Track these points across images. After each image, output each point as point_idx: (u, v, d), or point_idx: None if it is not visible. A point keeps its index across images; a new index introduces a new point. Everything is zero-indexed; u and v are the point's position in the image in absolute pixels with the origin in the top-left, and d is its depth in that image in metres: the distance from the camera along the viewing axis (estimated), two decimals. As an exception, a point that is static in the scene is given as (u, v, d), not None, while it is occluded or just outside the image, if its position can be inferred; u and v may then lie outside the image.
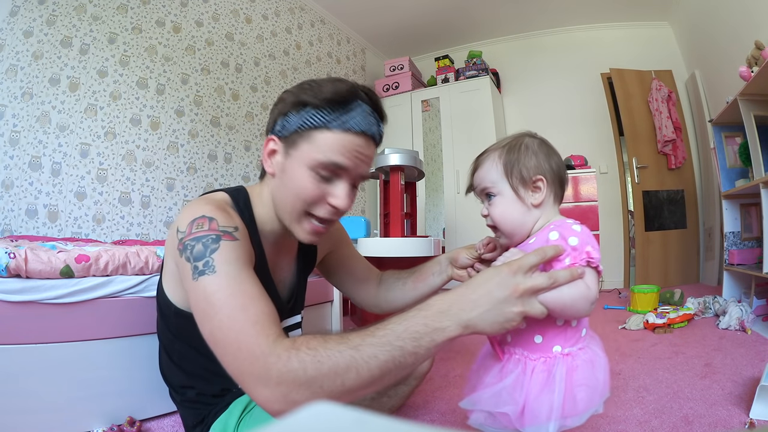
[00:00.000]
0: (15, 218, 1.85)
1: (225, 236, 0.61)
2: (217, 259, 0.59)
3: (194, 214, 0.64)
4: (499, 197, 0.70)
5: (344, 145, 0.66)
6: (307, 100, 0.66)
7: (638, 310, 2.46)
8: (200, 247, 0.60)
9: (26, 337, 0.98)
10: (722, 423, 1.03)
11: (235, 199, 0.73)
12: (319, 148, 0.66)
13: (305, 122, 0.66)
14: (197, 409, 0.79)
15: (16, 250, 0.98)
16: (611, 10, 3.81)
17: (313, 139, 0.66)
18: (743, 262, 2.36)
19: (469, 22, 4.09)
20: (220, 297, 0.56)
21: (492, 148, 0.73)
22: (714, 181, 3.29)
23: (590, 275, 0.62)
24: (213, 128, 2.75)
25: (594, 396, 0.65)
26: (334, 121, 0.65)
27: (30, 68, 1.91)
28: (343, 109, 0.66)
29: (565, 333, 0.66)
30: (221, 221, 0.63)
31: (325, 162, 0.66)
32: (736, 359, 1.52)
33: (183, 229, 0.63)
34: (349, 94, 0.67)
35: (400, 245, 1.53)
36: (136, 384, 1.12)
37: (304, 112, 0.66)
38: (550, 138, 0.79)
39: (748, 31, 2.50)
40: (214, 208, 0.65)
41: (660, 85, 3.64)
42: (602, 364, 0.69)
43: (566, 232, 0.64)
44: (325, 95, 0.66)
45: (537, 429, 0.61)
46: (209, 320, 0.56)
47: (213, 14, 2.81)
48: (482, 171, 0.71)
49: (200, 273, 0.58)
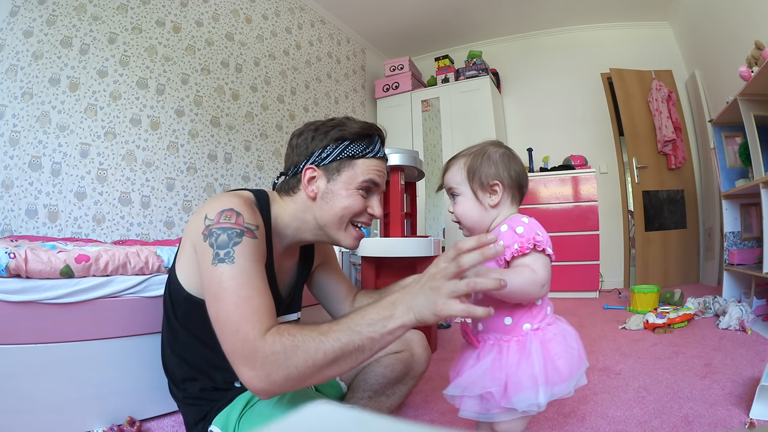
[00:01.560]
0: (15, 218, 1.85)
1: (248, 233, 0.70)
2: (238, 251, 0.68)
3: (224, 205, 0.72)
4: (462, 197, 0.82)
5: (376, 168, 0.85)
6: (343, 137, 0.83)
7: (638, 310, 2.46)
8: (225, 237, 0.69)
9: (26, 337, 0.98)
10: (722, 423, 1.03)
11: (258, 199, 0.83)
12: (362, 171, 0.83)
13: (346, 153, 0.82)
14: (199, 405, 0.81)
15: (16, 250, 0.98)
16: (611, 10, 3.81)
17: (356, 165, 0.83)
18: (743, 262, 2.36)
19: (469, 22, 4.09)
20: (232, 285, 0.65)
21: (461, 154, 0.85)
22: (714, 181, 3.29)
23: (537, 259, 0.70)
24: (213, 128, 2.75)
25: (573, 364, 0.72)
26: (368, 151, 0.84)
27: (30, 68, 1.91)
28: (370, 141, 0.85)
29: (531, 311, 0.74)
30: (247, 218, 0.72)
31: (367, 181, 0.83)
32: (736, 359, 1.52)
33: (212, 216, 0.71)
34: (371, 130, 0.86)
35: (400, 245, 1.53)
36: (136, 384, 1.12)
37: (343, 145, 0.82)
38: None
39: (748, 31, 2.50)
40: (242, 203, 0.74)
41: (660, 85, 3.64)
42: (573, 335, 0.76)
43: (514, 224, 0.75)
44: (356, 130, 0.83)
45: (525, 398, 0.67)
46: (218, 302, 0.65)
47: (213, 14, 2.81)
48: (450, 173, 0.84)
49: (220, 260, 0.67)
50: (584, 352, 0.76)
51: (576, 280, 3.27)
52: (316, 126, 0.85)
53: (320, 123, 0.86)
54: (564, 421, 1.10)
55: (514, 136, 4.19)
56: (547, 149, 3.82)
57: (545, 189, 3.47)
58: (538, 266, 0.70)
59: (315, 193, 0.83)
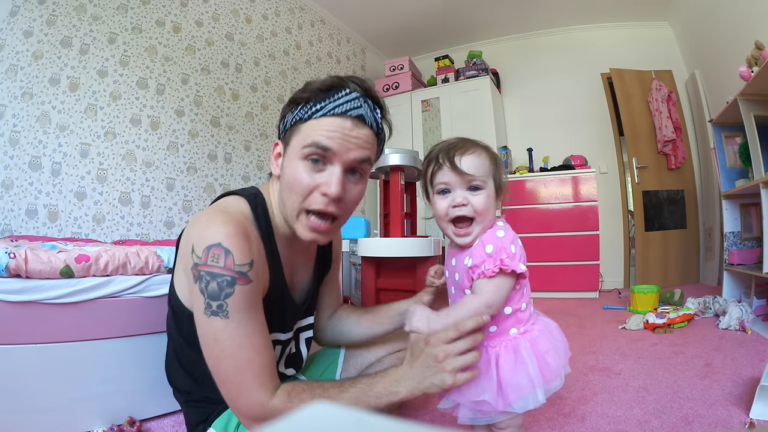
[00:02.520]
0: (15, 218, 1.85)
1: (240, 279, 0.63)
2: (231, 304, 0.62)
3: (211, 239, 0.63)
4: (486, 191, 0.73)
5: (327, 128, 0.67)
6: (297, 97, 0.70)
7: (638, 310, 2.46)
8: (215, 286, 0.62)
9: (26, 337, 0.98)
10: (722, 423, 1.03)
11: (254, 208, 0.73)
12: (305, 135, 0.67)
13: (295, 117, 0.69)
14: (201, 408, 0.80)
15: (16, 250, 0.98)
16: (611, 10, 3.81)
17: (301, 130, 0.68)
18: (743, 262, 2.36)
19: (469, 22, 4.09)
20: (230, 345, 0.62)
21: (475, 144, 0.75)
22: (714, 181, 3.29)
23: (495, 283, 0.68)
24: (213, 128, 2.75)
25: (561, 356, 0.73)
26: (318, 109, 0.67)
27: (30, 68, 1.91)
28: (326, 96, 0.68)
29: (516, 317, 0.73)
30: (237, 257, 0.63)
31: (309, 144, 0.66)
32: (736, 359, 1.52)
33: (199, 254, 0.63)
34: (333, 83, 0.68)
35: (400, 245, 1.53)
36: (136, 384, 1.12)
37: (296, 108, 0.70)
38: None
39: (748, 31, 2.50)
40: (232, 233, 0.63)
41: (660, 85, 3.64)
42: (555, 327, 0.77)
43: (486, 239, 0.71)
44: (311, 88, 0.69)
45: (525, 401, 0.68)
46: (215, 360, 0.63)
47: (213, 14, 2.81)
48: (471, 160, 0.73)
49: (213, 313, 0.62)
50: (567, 342, 0.76)
51: (576, 280, 3.27)
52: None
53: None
54: (564, 421, 1.10)
55: (514, 136, 4.19)
56: (547, 149, 3.82)
57: (545, 189, 3.47)
58: (489, 290, 0.68)
59: (278, 171, 0.73)
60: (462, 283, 0.75)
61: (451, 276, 0.79)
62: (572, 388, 1.31)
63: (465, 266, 0.73)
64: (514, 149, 4.06)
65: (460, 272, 0.75)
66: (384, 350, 0.99)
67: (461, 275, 0.75)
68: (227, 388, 0.64)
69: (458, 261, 0.76)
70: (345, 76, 0.70)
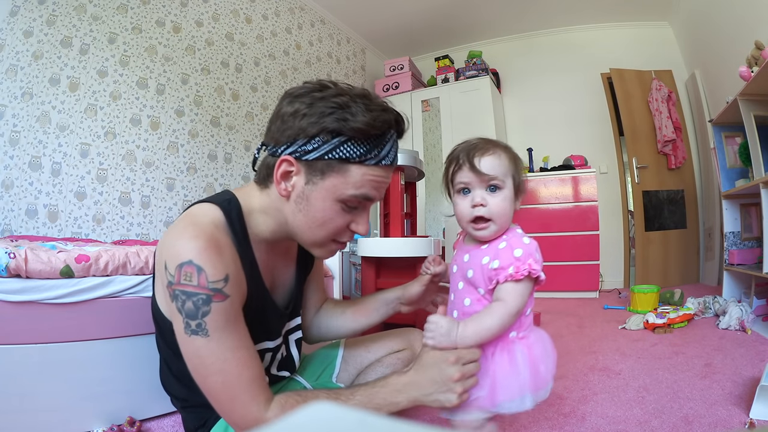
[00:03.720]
0: (15, 218, 1.85)
1: (216, 296, 0.60)
2: (210, 323, 0.60)
3: (182, 256, 0.60)
4: (504, 191, 0.74)
5: (377, 179, 0.67)
6: (341, 130, 0.62)
7: (638, 310, 2.46)
8: (191, 306, 0.60)
9: (26, 337, 0.98)
10: (722, 423, 1.03)
11: (227, 214, 0.68)
12: (354, 183, 0.65)
13: (338, 153, 0.63)
14: (199, 413, 0.78)
15: (16, 250, 0.98)
16: (611, 10, 3.81)
17: (347, 172, 0.65)
18: (743, 262, 2.36)
19: (469, 22, 4.09)
20: (214, 362, 0.61)
21: (495, 144, 0.77)
22: (714, 181, 3.29)
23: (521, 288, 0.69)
24: (213, 128, 2.75)
25: (550, 365, 0.74)
26: (370, 157, 0.65)
27: (30, 68, 1.91)
28: (378, 143, 0.65)
29: (519, 321, 0.74)
30: (210, 274, 0.60)
31: (359, 196, 0.66)
32: (736, 359, 1.52)
33: (172, 272, 0.61)
34: (384, 127, 0.66)
35: (400, 245, 1.53)
36: (136, 384, 1.12)
37: (337, 141, 0.63)
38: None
39: (748, 31, 2.50)
40: (203, 248, 0.60)
41: (660, 85, 3.64)
42: (548, 339, 0.78)
43: (514, 243, 0.72)
44: (359, 126, 0.62)
45: (511, 404, 0.69)
46: (202, 378, 0.62)
47: (213, 14, 2.81)
48: (491, 161, 0.73)
49: (193, 332, 0.60)
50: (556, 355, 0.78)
51: (576, 280, 3.27)
52: (321, 95, 0.64)
53: (325, 92, 0.65)
54: (564, 421, 1.10)
55: (514, 136, 4.19)
56: (547, 149, 3.82)
57: (545, 189, 3.47)
58: (516, 296, 0.69)
59: (288, 191, 0.68)
60: (476, 281, 0.74)
61: (460, 271, 0.79)
62: (572, 388, 1.31)
63: (484, 266, 0.73)
64: (514, 149, 4.05)
65: (475, 270, 0.74)
66: (384, 350, 0.98)
67: (476, 273, 0.74)
68: (219, 403, 0.63)
69: (473, 258, 0.76)
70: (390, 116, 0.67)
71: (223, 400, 0.62)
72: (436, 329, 0.70)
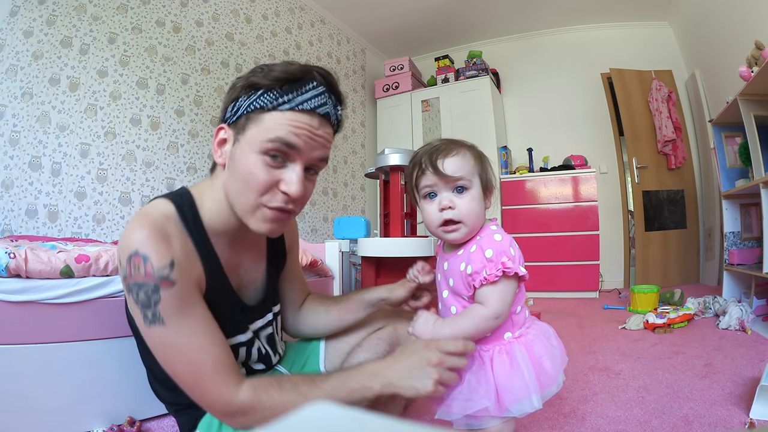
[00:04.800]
0: (15, 218, 1.85)
1: (162, 283, 0.60)
2: (162, 310, 0.60)
3: (129, 247, 0.61)
4: (472, 191, 0.72)
5: (293, 124, 0.63)
6: (257, 82, 0.64)
7: (638, 310, 2.46)
8: (143, 296, 0.61)
9: (26, 337, 0.98)
10: (722, 423, 1.03)
11: (179, 207, 0.68)
12: (268, 128, 0.63)
13: (254, 104, 0.64)
14: (191, 413, 0.77)
15: (16, 250, 0.98)
16: (611, 10, 3.81)
17: (262, 120, 0.63)
18: (743, 262, 2.36)
19: (469, 22, 4.09)
20: (175, 349, 0.62)
21: (458, 144, 0.75)
22: (714, 181, 3.29)
23: (499, 289, 0.67)
24: (213, 128, 2.75)
25: (557, 362, 0.72)
26: (284, 101, 0.63)
27: (30, 68, 1.91)
28: (294, 88, 0.64)
29: (510, 320, 0.72)
30: (155, 261, 0.60)
31: (273, 139, 0.63)
32: (736, 359, 1.52)
33: (123, 265, 0.62)
34: (301, 73, 0.64)
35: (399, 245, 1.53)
36: (136, 384, 1.12)
37: (254, 94, 0.64)
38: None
39: (748, 31, 2.50)
40: (146, 237, 0.61)
41: (660, 85, 3.64)
42: (552, 332, 0.76)
43: (484, 244, 0.70)
44: (275, 75, 0.63)
45: (521, 405, 0.67)
46: (169, 366, 0.63)
47: (213, 14, 2.81)
48: (455, 161, 0.72)
49: (151, 322, 0.61)
50: (564, 348, 0.76)
51: (576, 280, 3.27)
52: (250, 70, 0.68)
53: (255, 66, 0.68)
54: (564, 421, 1.10)
55: (514, 136, 4.19)
56: (547, 149, 3.82)
57: (545, 189, 3.47)
58: (494, 298, 0.67)
59: (224, 160, 0.68)
60: (458, 289, 0.73)
61: (444, 280, 0.77)
62: (572, 388, 1.31)
63: (462, 272, 0.71)
64: (514, 149, 4.06)
65: (455, 278, 0.73)
66: (365, 331, 0.93)
67: (456, 281, 0.73)
68: (190, 390, 0.63)
69: (451, 265, 0.74)
70: (310, 66, 0.66)
71: (192, 385, 0.63)
72: (418, 319, 0.72)
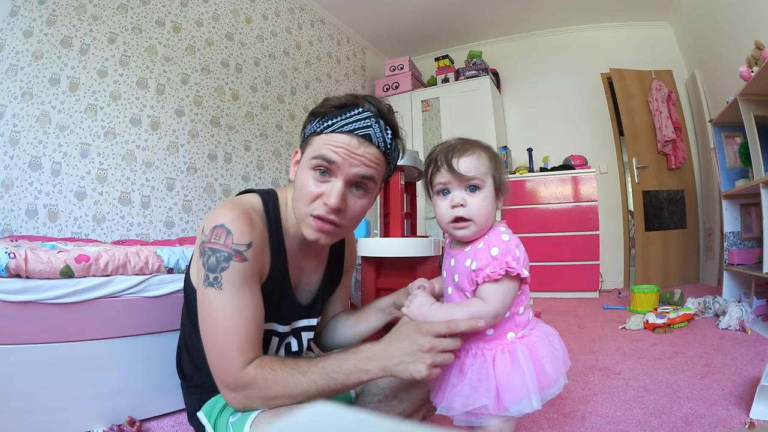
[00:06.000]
0: (15, 218, 1.85)
1: (236, 256, 0.69)
2: (225, 278, 0.68)
3: (217, 220, 0.70)
4: (484, 191, 0.74)
5: (333, 143, 0.72)
6: (315, 111, 0.75)
7: (638, 310, 2.46)
8: (213, 261, 0.69)
9: (26, 337, 0.98)
10: (722, 423, 1.03)
11: (265, 203, 0.79)
12: (315, 148, 0.73)
13: (310, 130, 0.75)
14: (199, 394, 0.82)
15: (16, 250, 0.98)
16: (611, 10, 3.81)
17: (313, 142, 0.74)
18: (743, 262, 2.36)
19: (469, 22, 4.09)
20: (220, 313, 0.68)
21: (474, 144, 0.76)
22: (714, 181, 3.29)
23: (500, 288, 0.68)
24: (213, 128, 2.75)
25: (559, 364, 0.73)
26: (329, 125, 0.72)
27: (30, 68, 1.91)
28: (339, 114, 0.73)
29: (514, 320, 0.73)
30: (236, 236, 0.70)
31: (316, 156, 0.72)
32: (736, 359, 1.52)
33: (206, 232, 0.71)
34: (348, 102, 0.73)
35: (400, 245, 1.53)
36: (136, 384, 1.12)
37: (313, 121, 0.75)
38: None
39: (748, 31, 2.50)
40: (236, 216, 0.71)
41: (660, 85, 3.64)
42: (555, 335, 0.76)
43: (491, 242, 0.71)
44: (329, 104, 0.74)
45: (520, 405, 0.68)
46: (206, 326, 0.69)
47: (213, 14, 2.81)
48: (470, 161, 0.73)
49: (209, 284, 0.68)
50: (567, 352, 0.76)
51: (576, 280, 3.27)
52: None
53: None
54: (564, 421, 1.10)
55: (514, 136, 4.19)
56: (547, 149, 3.82)
57: (545, 189, 3.47)
58: (495, 297, 0.68)
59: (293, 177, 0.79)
60: (462, 285, 0.74)
61: (449, 276, 0.79)
62: (572, 388, 1.31)
63: (467, 268, 0.72)
64: (514, 149, 4.06)
65: (461, 274, 0.74)
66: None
67: (461, 277, 0.74)
68: (211, 354, 0.69)
69: (458, 261, 0.75)
70: (362, 95, 0.75)
71: (217, 350, 0.68)
72: (414, 300, 0.74)
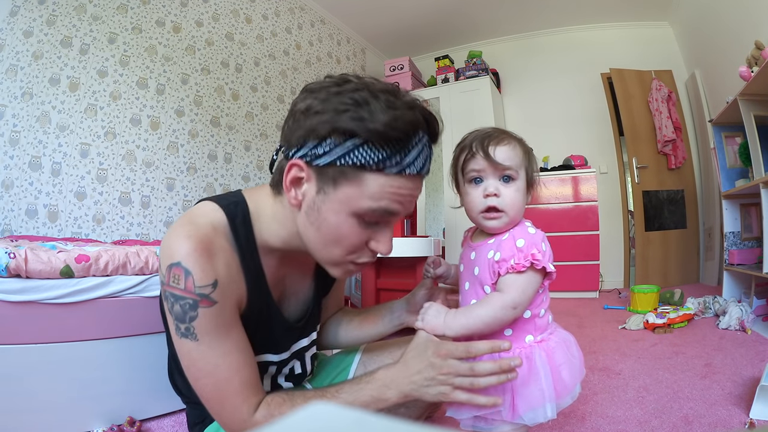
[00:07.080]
0: (15, 218, 1.85)
1: (202, 302, 0.58)
2: (198, 327, 0.58)
3: (173, 257, 0.58)
4: (518, 182, 0.71)
5: (400, 192, 0.57)
6: (355, 131, 0.53)
7: (638, 310, 2.46)
8: (179, 309, 0.58)
9: (26, 337, 0.98)
10: (722, 423, 1.03)
11: (231, 218, 0.64)
12: (371, 194, 0.56)
13: (352, 159, 0.54)
14: (200, 409, 0.76)
15: (16, 250, 0.98)
16: (611, 10, 3.81)
17: (363, 182, 0.55)
18: (743, 262, 2.36)
19: (469, 22, 4.09)
20: (205, 365, 0.60)
21: (509, 135, 0.74)
22: (714, 181, 3.29)
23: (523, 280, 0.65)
24: (213, 128, 2.75)
25: (575, 372, 0.69)
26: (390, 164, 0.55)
27: (30, 68, 1.91)
28: (401, 147, 0.55)
29: (534, 323, 0.70)
30: (197, 277, 0.57)
31: (377, 210, 0.57)
32: (736, 359, 1.52)
33: (163, 272, 0.60)
34: (408, 128, 0.55)
35: (400, 245, 1.53)
36: (136, 384, 1.12)
37: (351, 144, 0.54)
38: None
39: (748, 31, 2.50)
40: (192, 250, 0.57)
41: (660, 85, 3.64)
42: (573, 342, 0.73)
43: (517, 234, 0.69)
44: (379, 128, 0.53)
45: (535, 413, 0.65)
46: (193, 379, 0.61)
47: (213, 14, 2.81)
48: (506, 151, 0.70)
49: (183, 335, 0.59)
50: (583, 359, 0.73)
51: (576, 280, 3.27)
52: (337, 90, 0.55)
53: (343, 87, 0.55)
54: (564, 421, 1.10)
55: (514, 136, 4.18)
56: (547, 149, 3.82)
57: (545, 189, 3.47)
58: (516, 288, 0.65)
59: (299, 200, 0.60)
60: (483, 278, 0.70)
61: (467, 270, 0.75)
62: (572, 388, 1.31)
63: (489, 260, 0.69)
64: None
65: (481, 266, 0.71)
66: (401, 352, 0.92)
67: (482, 269, 0.71)
68: (209, 404, 0.62)
69: (479, 254, 0.72)
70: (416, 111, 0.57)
71: (214, 401, 0.61)
72: (427, 312, 0.68)
